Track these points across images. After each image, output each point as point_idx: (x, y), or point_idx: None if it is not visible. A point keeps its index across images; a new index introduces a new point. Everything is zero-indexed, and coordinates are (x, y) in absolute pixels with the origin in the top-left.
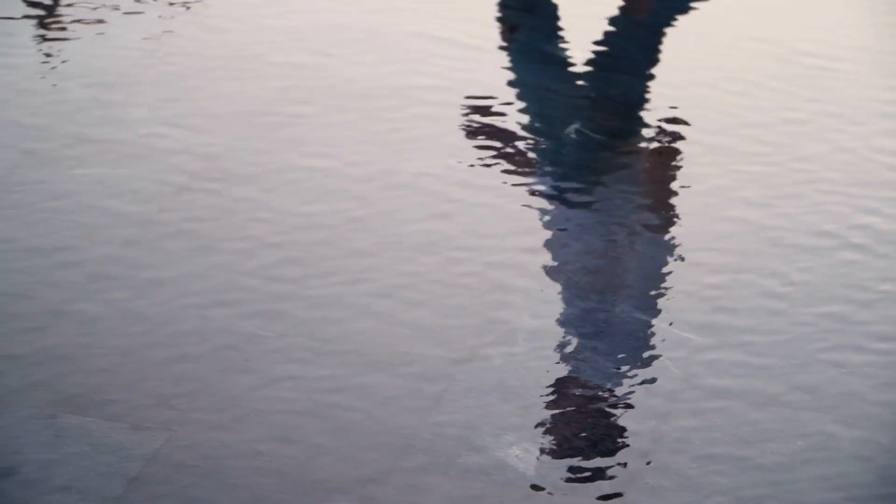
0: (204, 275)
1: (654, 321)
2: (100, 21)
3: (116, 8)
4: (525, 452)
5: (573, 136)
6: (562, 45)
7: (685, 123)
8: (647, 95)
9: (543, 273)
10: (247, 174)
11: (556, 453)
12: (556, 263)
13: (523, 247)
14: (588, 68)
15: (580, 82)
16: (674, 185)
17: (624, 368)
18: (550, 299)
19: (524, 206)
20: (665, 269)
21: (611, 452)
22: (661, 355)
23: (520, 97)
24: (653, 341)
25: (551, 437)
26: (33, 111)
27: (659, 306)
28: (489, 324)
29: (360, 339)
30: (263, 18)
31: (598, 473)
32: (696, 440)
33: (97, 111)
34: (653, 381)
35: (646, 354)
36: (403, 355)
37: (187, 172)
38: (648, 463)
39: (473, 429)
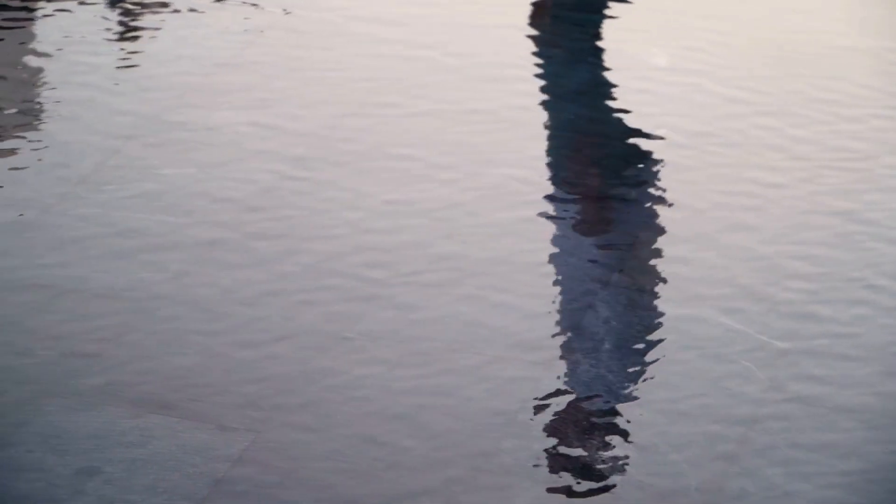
0: (290, 274)
1: (738, 325)
2: (192, 10)
3: (204, 9)
4: (612, 457)
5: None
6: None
7: (771, 128)
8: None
9: (630, 276)
10: (333, 174)
11: (642, 458)
12: (643, 266)
13: (603, 258)
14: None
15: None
16: (757, 187)
17: (708, 373)
18: (635, 304)
19: (612, 209)
20: (749, 272)
21: (698, 458)
22: (745, 360)
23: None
24: (737, 345)
25: (637, 441)
26: (121, 108)
27: (743, 310)
28: (575, 327)
29: (446, 341)
30: (349, 19)
31: (684, 477)
32: (781, 445)
33: (185, 109)
34: (737, 385)
35: (730, 359)
36: (490, 358)
37: (274, 172)
38: (735, 469)
39: (558, 432)
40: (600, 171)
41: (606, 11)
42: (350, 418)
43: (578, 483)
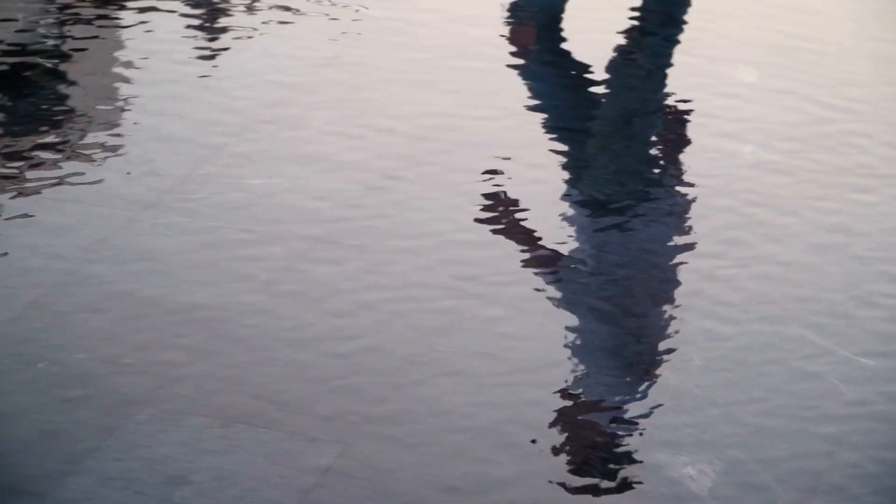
0: (379, 285)
1: (823, 340)
2: (283, 23)
3: (298, 11)
4: (699, 472)
5: None
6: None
7: (863, 140)
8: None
9: (716, 289)
10: (423, 184)
11: (729, 474)
12: (729, 278)
13: (703, 270)
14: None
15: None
16: (847, 202)
17: (792, 388)
18: (721, 317)
19: (699, 221)
20: (836, 287)
21: (785, 474)
22: (831, 376)
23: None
24: (822, 360)
25: (726, 458)
26: (209, 117)
27: (828, 325)
28: (664, 341)
29: (536, 355)
30: (443, 24)
31: (772, 492)
32: (868, 466)
33: (274, 117)
34: (822, 404)
35: (815, 374)
36: (578, 372)
37: (364, 182)
38: (824, 485)
39: (648, 446)
40: (688, 184)
41: (691, 25)
42: (438, 431)
43: (666, 497)
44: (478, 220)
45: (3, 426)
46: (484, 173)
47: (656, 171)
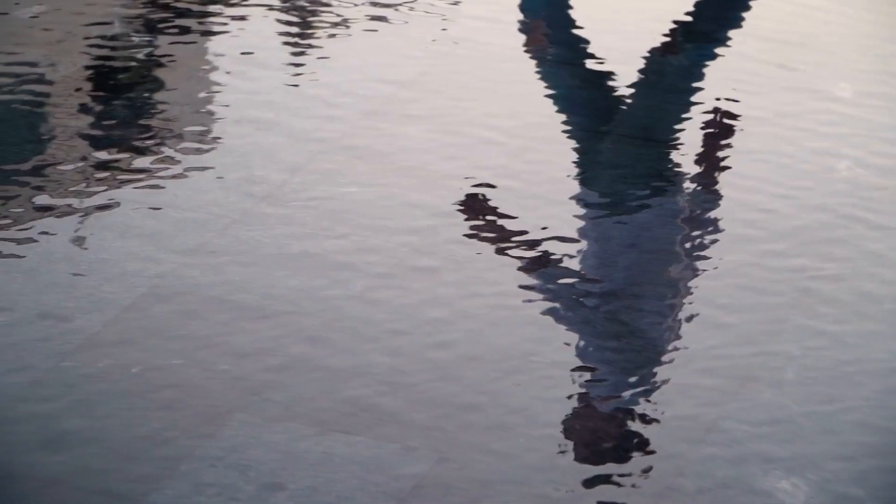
0: (476, 294)
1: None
2: (377, 31)
3: (392, 18)
4: (793, 486)
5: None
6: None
7: None
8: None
9: (814, 299)
10: (519, 197)
11: (823, 488)
12: (828, 293)
13: (797, 281)
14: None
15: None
16: None
17: (890, 402)
18: (818, 329)
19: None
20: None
21: (878, 489)
22: None
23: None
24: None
25: (819, 471)
26: (305, 125)
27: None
28: (761, 354)
29: (632, 367)
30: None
31: None
32: None
33: (370, 127)
34: None
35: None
36: (678, 384)
37: (459, 193)
38: None
39: (741, 460)
40: (785, 197)
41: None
42: (535, 443)
43: None
44: (576, 232)
45: (98, 431)
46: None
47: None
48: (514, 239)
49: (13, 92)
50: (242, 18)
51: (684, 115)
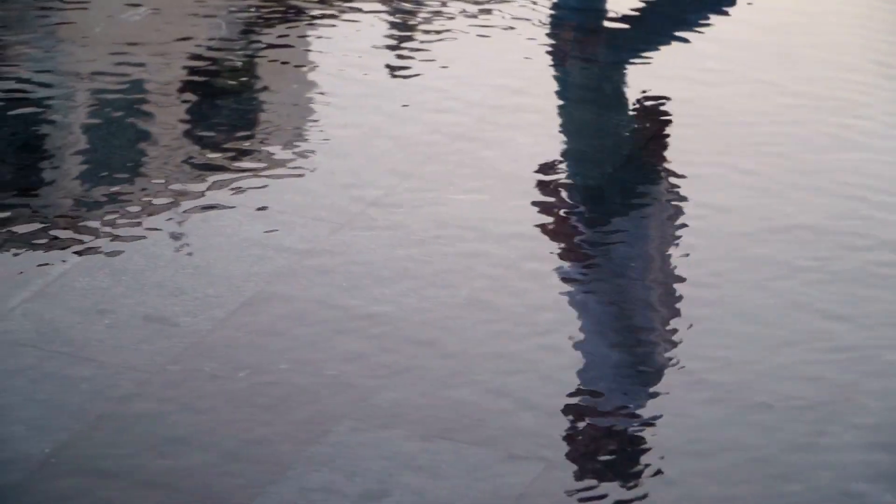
0: (583, 306)
1: None
2: (483, 35)
3: (499, 26)
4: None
5: None
6: None
7: None
8: None
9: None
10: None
11: None
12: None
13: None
14: None
15: None
16: None
17: None
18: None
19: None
20: None
21: None
22: None
23: None
24: None
25: None
26: (413, 132)
27: None
28: (868, 360)
29: (745, 375)
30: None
31: None
32: None
33: (477, 134)
34: None
35: None
36: (786, 394)
37: (566, 203)
38: None
39: (849, 471)
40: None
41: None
42: (642, 451)
43: None
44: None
45: (204, 434)
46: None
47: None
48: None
49: (120, 93)
50: (352, 21)
51: None
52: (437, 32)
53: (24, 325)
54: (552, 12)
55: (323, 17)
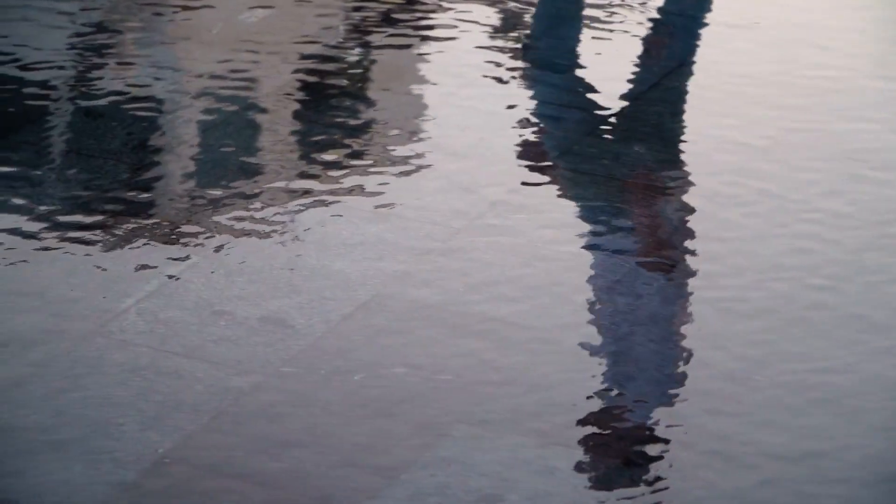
0: (698, 315)
1: None
2: (601, 38)
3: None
4: None
5: None
6: None
7: None
8: None
9: None
10: (765, 220)
11: None
12: None
13: None
14: None
15: None
16: None
17: None
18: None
19: None
20: None
21: None
22: None
23: None
24: None
25: None
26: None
27: None
28: None
29: (837, 386)
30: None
31: None
32: None
33: (594, 140)
34: None
35: None
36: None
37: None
38: None
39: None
40: None
41: None
42: (749, 458)
43: None
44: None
45: (318, 437)
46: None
47: None
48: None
49: (236, 93)
50: (469, 21)
51: None
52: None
53: (138, 325)
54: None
55: (440, 27)
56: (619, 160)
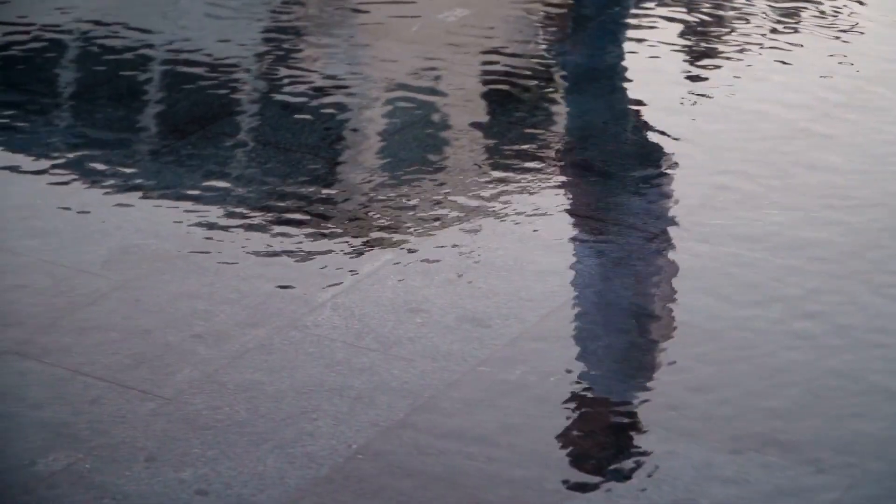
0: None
1: None
2: (780, 48)
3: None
4: None
5: None
6: None
7: None
8: None
9: None
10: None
11: None
12: None
13: None
14: None
15: None
16: None
17: None
18: None
19: None
20: None
21: None
22: None
23: None
24: None
25: None
26: (723, 141)
27: None
28: None
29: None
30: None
31: None
32: None
33: (790, 150)
34: None
35: None
36: None
37: (879, 221)
38: None
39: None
40: None
41: None
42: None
43: None
44: None
45: (512, 437)
46: None
47: None
48: None
49: (431, 93)
50: (669, 19)
51: None
52: (740, 46)
53: (333, 320)
54: None
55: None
56: (816, 168)
